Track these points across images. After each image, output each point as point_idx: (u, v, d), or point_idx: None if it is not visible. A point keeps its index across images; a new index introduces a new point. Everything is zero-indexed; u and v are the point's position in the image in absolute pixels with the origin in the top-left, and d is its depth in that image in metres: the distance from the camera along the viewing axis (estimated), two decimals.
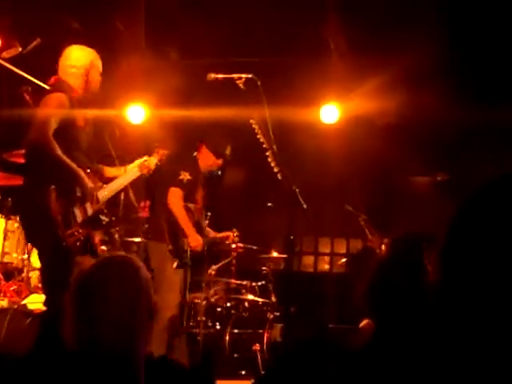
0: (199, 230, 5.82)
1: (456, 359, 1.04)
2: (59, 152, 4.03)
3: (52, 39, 6.59)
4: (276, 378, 2.43)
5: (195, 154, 5.93)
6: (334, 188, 7.56)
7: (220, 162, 5.97)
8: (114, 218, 4.98)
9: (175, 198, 5.62)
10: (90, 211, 4.26)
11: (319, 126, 7.05)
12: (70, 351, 2.04)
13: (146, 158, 5.07)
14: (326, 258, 9.42)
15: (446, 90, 6.78)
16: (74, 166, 4.11)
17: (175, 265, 5.60)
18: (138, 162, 4.99)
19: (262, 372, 5.76)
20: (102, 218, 4.36)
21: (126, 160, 5.33)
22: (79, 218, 4.18)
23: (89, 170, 4.33)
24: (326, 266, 9.45)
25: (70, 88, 4.34)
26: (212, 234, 6.24)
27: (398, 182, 7.97)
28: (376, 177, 7.80)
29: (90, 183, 4.22)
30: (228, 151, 5.97)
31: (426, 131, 7.39)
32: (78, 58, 4.42)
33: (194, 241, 5.65)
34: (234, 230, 6.38)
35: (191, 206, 5.77)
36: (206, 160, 5.92)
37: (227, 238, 6.32)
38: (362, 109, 6.96)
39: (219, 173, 6.08)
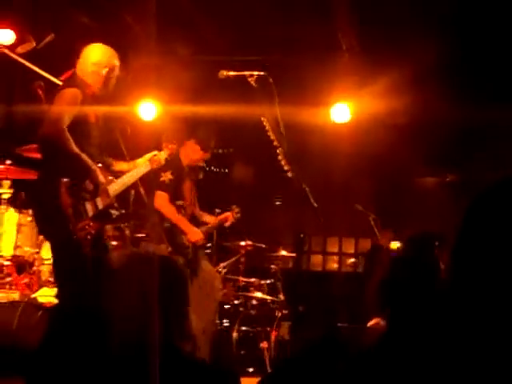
0: (196, 224, 5.83)
1: (466, 356, 1.05)
2: (73, 146, 4.08)
3: (65, 35, 6.64)
4: (283, 377, 2.44)
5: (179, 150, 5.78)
6: (344, 187, 7.56)
7: (207, 155, 5.91)
8: (124, 212, 5.04)
9: (162, 201, 5.60)
10: (100, 205, 4.30)
11: (329, 125, 7.05)
12: (80, 343, 2.07)
13: (155, 152, 5.10)
14: (335, 258, 9.43)
15: (457, 90, 6.78)
16: (87, 159, 4.16)
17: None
18: (147, 156, 5.02)
19: (270, 370, 5.78)
20: (113, 212, 4.40)
21: (136, 157, 5.37)
22: (90, 211, 4.21)
23: (100, 165, 4.37)
24: (335, 266, 9.45)
25: (85, 84, 4.39)
26: (210, 218, 6.16)
27: (408, 183, 7.96)
28: (385, 176, 7.80)
29: (101, 177, 4.26)
30: (213, 144, 5.95)
31: (437, 131, 7.38)
32: (98, 57, 4.47)
33: (194, 235, 5.67)
34: (234, 207, 6.25)
35: (180, 203, 5.74)
36: (192, 155, 5.85)
37: (226, 219, 6.18)
38: (372, 108, 6.96)
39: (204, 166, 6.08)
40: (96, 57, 4.47)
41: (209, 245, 6.39)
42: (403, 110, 7.25)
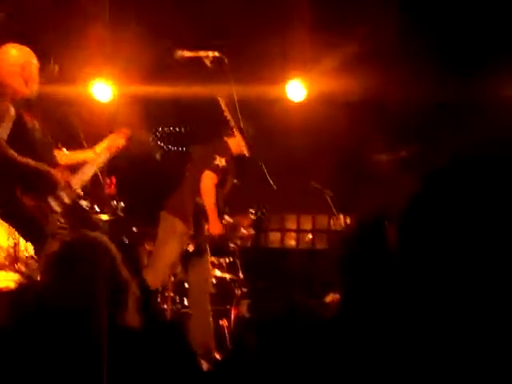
0: (221, 218, 5.74)
1: (414, 325, 1.14)
2: (15, 156, 4.03)
3: (17, 13, 6.53)
4: (243, 353, 2.51)
5: (226, 139, 5.52)
6: (301, 165, 7.63)
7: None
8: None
9: (209, 182, 5.45)
10: (66, 199, 4.29)
11: (285, 103, 7.10)
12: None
13: (112, 136, 5.02)
14: (293, 234, 9.52)
15: (412, 66, 6.86)
16: (35, 163, 4.13)
17: (191, 248, 5.59)
18: (105, 142, 4.95)
19: (230, 348, 5.85)
20: (83, 203, 4.38)
21: (96, 141, 5.35)
22: (56, 207, 4.22)
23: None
24: (293, 242, 9.55)
25: (12, 90, 4.25)
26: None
27: (363, 160, 8.07)
28: (341, 154, 7.90)
29: (57, 174, 4.24)
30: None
31: (392, 107, 7.48)
32: (14, 57, 4.30)
33: (216, 228, 5.58)
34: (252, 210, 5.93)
35: (220, 192, 5.63)
36: (238, 146, 5.47)
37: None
38: (328, 85, 7.02)
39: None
40: (10, 57, 4.30)
41: None
42: (358, 87, 7.32)
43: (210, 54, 4.14)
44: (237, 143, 5.48)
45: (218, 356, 5.50)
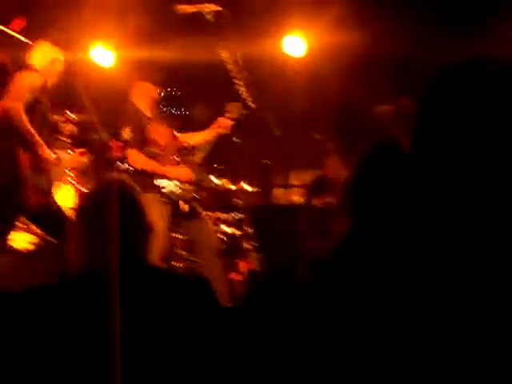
0: (186, 156, 5.66)
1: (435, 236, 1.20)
2: (27, 123, 4.77)
3: None
4: (256, 302, 2.54)
5: (131, 98, 5.59)
6: (302, 118, 7.67)
7: (157, 88, 5.64)
8: None
9: (136, 160, 5.41)
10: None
11: (285, 57, 7.12)
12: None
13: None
14: (296, 190, 9.56)
15: (413, 19, 6.86)
16: (37, 136, 4.85)
17: (187, 208, 5.58)
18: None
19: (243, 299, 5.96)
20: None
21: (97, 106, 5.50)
22: (45, 184, 4.95)
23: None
24: (296, 198, 9.59)
25: (40, 74, 5.07)
26: (201, 136, 5.84)
27: (363, 112, 8.10)
28: (342, 106, 7.93)
29: (48, 152, 4.98)
30: (160, 74, 5.64)
31: (393, 60, 7.48)
32: (47, 51, 5.26)
33: (181, 175, 5.53)
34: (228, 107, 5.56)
35: (154, 149, 5.51)
36: (143, 93, 5.56)
37: (220, 125, 5.67)
38: (328, 39, 7.04)
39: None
40: (44, 51, 5.24)
41: None
42: (358, 40, 7.33)
43: (212, 7, 4.19)
44: (142, 93, 5.55)
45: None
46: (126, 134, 5.39)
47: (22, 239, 5.07)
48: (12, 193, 4.72)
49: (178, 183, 5.51)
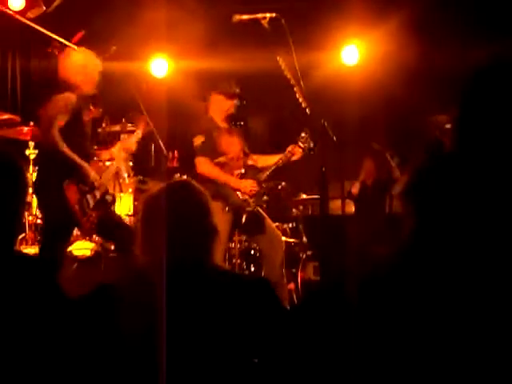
0: (251, 174, 5.63)
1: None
2: (64, 148, 4.58)
3: None
4: (310, 309, 2.51)
5: (204, 106, 5.65)
6: (358, 127, 7.62)
7: (235, 101, 5.66)
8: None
9: (202, 166, 5.42)
10: (98, 194, 4.83)
11: (341, 66, 7.10)
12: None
13: (125, 137, 5.37)
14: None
15: (469, 29, 6.76)
16: (77, 158, 4.66)
17: (243, 219, 5.48)
18: (119, 145, 5.37)
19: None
20: (108, 197, 4.92)
21: (152, 112, 5.54)
22: (91, 202, 4.76)
23: (96, 158, 4.98)
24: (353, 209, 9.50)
25: (74, 86, 4.81)
26: (271, 159, 5.79)
27: (419, 121, 8.02)
28: (398, 116, 7.87)
29: (93, 173, 4.76)
30: (237, 88, 5.66)
31: (447, 71, 7.40)
32: (81, 60, 4.91)
33: (246, 187, 5.50)
34: (302, 135, 5.53)
35: (222, 159, 5.53)
36: (219, 106, 5.62)
37: (293, 152, 5.61)
38: (383, 48, 7.00)
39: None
40: (79, 60, 4.90)
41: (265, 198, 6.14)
42: (413, 51, 7.28)
43: (267, 14, 4.19)
44: (217, 105, 5.57)
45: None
46: (197, 141, 5.44)
47: (82, 247, 5.18)
48: (65, 227, 4.72)
49: (240, 194, 5.50)
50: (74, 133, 4.68)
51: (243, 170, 5.61)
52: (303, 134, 5.48)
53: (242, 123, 6.95)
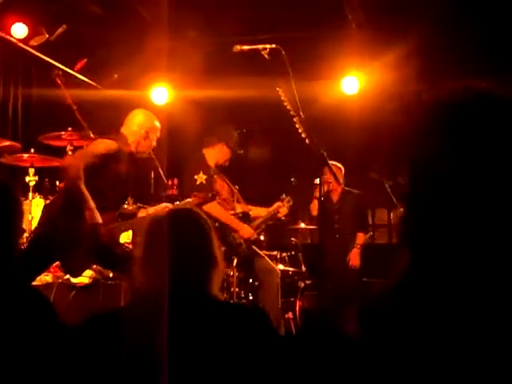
0: (242, 220, 5.77)
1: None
2: (81, 185, 4.34)
3: (76, 26, 6.78)
4: (308, 338, 2.49)
5: (204, 150, 5.76)
6: (357, 158, 7.66)
7: (231, 153, 5.84)
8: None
9: (210, 205, 5.36)
10: None
11: (340, 97, 7.16)
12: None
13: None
14: None
15: (466, 60, 6.83)
16: (89, 199, 4.38)
17: (235, 263, 5.68)
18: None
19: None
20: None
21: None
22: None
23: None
24: None
25: (125, 142, 4.76)
26: (260, 211, 6.04)
27: (417, 150, 8.05)
28: (396, 146, 7.91)
29: (97, 217, 4.44)
30: (236, 143, 5.85)
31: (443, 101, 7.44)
32: (141, 119, 4.88)
33: (246, 232, 5.63)
34: (283, 196, 6.06)
35: (217, 199, 5.60)
36: (220, 156, 5.77)
37: (278, 210, 6.01)
38: (381, 79, 7.06)
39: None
40: (139, 119, 4.86)
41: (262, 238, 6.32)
42: (410, 81, 7.35)
43: (268, 46, 4.22)
44: (220, 154, 5.71)
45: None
46: (201, 178, 5.53)
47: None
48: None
49: (237, 237, 5.63)
50: (99, 178, 4.53)
51: (232, 212, 5.76)
52: (283, 196, 5.99)
53: (242, 151, 6.98)
